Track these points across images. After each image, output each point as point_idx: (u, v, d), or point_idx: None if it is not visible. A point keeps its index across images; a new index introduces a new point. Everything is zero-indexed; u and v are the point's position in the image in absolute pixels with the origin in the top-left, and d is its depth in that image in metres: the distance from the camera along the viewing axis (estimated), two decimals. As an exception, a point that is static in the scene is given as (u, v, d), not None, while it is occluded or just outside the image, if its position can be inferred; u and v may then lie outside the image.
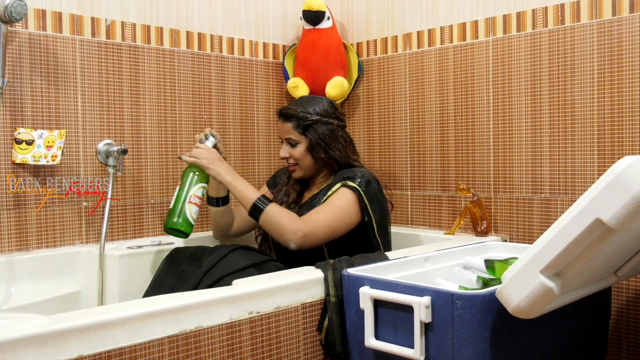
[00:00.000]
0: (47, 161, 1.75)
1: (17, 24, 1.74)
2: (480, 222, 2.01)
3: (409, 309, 1.27)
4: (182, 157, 1.79)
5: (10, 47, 1.74)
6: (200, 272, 1.62)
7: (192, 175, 1.76)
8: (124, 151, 1.88)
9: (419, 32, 2.25)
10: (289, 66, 2.42)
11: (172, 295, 1.29)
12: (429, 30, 2.21)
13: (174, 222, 1.72)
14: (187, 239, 2.02)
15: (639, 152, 1.74)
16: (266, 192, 2.05)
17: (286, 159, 1.88)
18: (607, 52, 1.79)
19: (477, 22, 2.08)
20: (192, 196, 1.74)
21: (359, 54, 2.44)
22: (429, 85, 2.21)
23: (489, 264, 1.52)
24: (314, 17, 2.30)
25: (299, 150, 1.85)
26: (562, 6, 1.87)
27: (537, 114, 1.93)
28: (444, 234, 2.09)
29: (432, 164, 2.22)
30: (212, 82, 2.20)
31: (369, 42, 2.42)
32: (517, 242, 1.96)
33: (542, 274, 1.10)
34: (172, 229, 1.73)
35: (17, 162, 1.74)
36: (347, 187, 1.76)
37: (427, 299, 1.24)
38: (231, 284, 1.39)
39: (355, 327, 1.41)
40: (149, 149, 2.04)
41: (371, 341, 1.34)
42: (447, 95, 2.16)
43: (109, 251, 1.83)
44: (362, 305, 1.35)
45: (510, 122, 2.00)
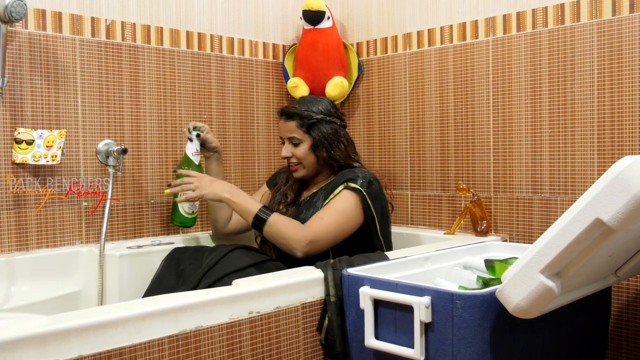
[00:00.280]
0: (47, 161, 1.75)
1: (17, 24, 1.74)
2: (480, 222, 2.01)
3: (409, 309, 1.27)
4: (171, 190, 1.84)
5: (10, 47, 1.74)
6: (200, 272, 1.62)
7: (181, 175, 1.85)
8: (124, 151, 1.88)
9: (419, 32, 2.25)
10: (289, 66, 2.42)
11: (172, 295, 1.29)
12: (429, 30, 2.21)
13: (173, 218, 1.96)
14: (187, 239, 2.04)
15: (639, 152, 1.74)
16: (266, 192, 2.06)
17: (288, 159, 1.88)
18: (607, 52, 1.79)
19: (477, 22, 2.08)
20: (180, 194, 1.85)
21: (359, 54, 2.44)
22: (429, 85, 2.21)
23: (489, 264, 1.52)
24: (314, 17, 2.30)
25: (302, 149, 1.85)
26: (562, 6, 1.87)
27: (537, 114, 1.93)
28: (444, 233, 2.09)
29: (432, 164, 2.22)
30: (212, 82, 2.20)
31: (369, 42, 2.42)
32: (517, 242, 1.96)
33: (542, 273, 1.10)
34: (175, 224, 1.96)
35: (17, 162, 1.74)
36: (349, 188, 1.76)
37: (427, 299, 1.24)
38: (231, 283, 1.39)
39: (355, 327, 1.41)
40: (149, 149, 2.04)
41: (371, 341, 1.34)
42: (447, 95, 2.16)
43: (109, 251, 1.83)
44: (362, 305, 1.35)
45: (510, 122, 2.00)
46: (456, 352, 1.21)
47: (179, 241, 2.00)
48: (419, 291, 1.26)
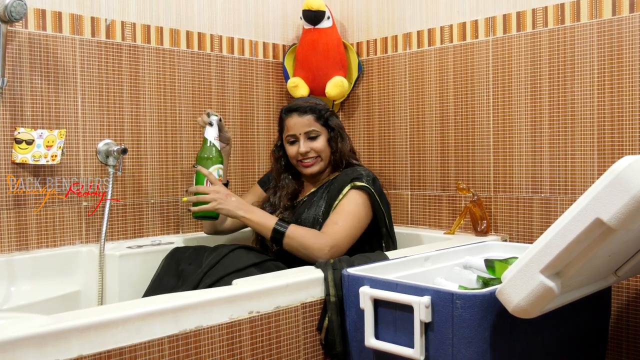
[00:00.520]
0: (47, 161, 1.75)
1: (17, 24, 1.74)
2: (480, 222, 2.01)
3: (409, 309, 1.27)
4: (188, 199, 1.74)
5: (10, 47, 1.74)
6: (200, 272, 1.61)
7: (205, 161, 1.75)
8: (124, 151, 1.88)
9: (419, 31, 2.25)
10: (289, 66, 2.42)
11: (172, 295, 1.29)
12: (429, 30, 2.21)
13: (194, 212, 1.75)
14: (187, 239, 2.04)
15: (639, 152, 1.74)
16: (258, 191, 2.05)
17: (303, 155, 1.87)
18: (607, 52, 1.79)
19: (477, 21, 2.07)
20: (207, 182, 1.73)
21: (359, 54, 2.44)
22: (429, 85, 2.21)
23: (489, 264, 1.52)
24: (314, 16, 2.30)
25: (321, 141, 1.87)
26: (562, 6, 1.87)
27: (537, 113, 1.93)
28: (444, 233, 2.09)
29: (432, 164, 2.22)
30: (212, 81, 2.20)
31: (369, 41, 2.42)
32: (517, 242, 1.96)
33: (542, 273, 1.10)
34: (199, 217, 1.75)
35: (17, 161, 1.74)
36: (356, 188, 1.78)
37: (427, 299, 1.24)
38: (231, 283, 1.39)
39: (355, 326, 1.41)
40: (149, 148, 2.04)
41: (371, 341, 1.34)
42: (447, 95, 2.16)
43: (109, 251, 1.83)
44: (362, 305, 1.35)
45: (510, 121, 2.00)
46: (456, 351, 1.21)
47: (179, 241, 2.00)
48: (419, 291, 1.26)
